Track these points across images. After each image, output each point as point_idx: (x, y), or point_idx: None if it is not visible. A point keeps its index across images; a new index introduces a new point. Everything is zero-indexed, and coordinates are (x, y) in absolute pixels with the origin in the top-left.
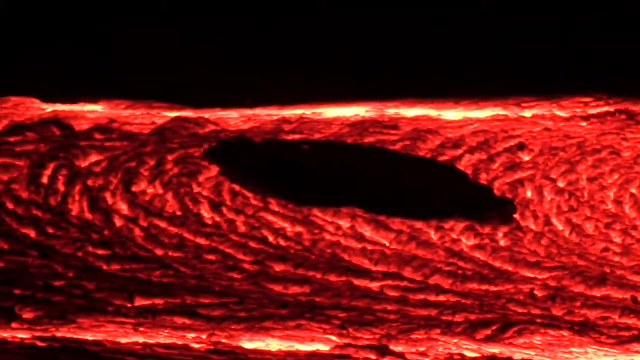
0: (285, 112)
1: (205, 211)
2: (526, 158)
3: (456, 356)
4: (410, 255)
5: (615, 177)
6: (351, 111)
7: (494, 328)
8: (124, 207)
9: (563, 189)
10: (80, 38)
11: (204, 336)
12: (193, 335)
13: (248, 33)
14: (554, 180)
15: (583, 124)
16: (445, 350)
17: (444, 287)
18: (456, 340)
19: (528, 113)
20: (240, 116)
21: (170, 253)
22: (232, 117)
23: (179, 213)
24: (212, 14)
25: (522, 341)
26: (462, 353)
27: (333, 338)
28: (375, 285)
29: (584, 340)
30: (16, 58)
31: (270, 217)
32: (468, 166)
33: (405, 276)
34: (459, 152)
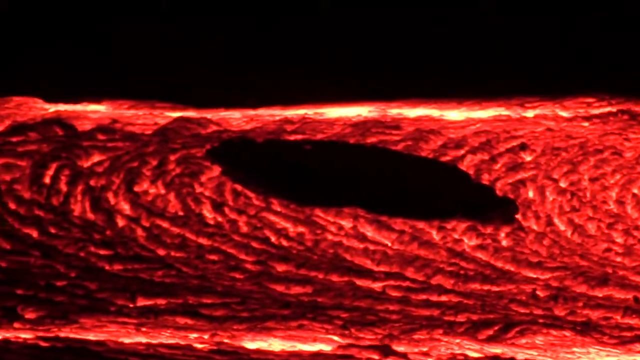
0: (287, 112)
1: (207, 211)
2: (528, 158)
3: (459, 356)
4: (412, 255)
5: (617, 177)
6: (353, 111)
7: (496, 328)
8: (126, 207)
9: (565, 189)
10: (80, 38)
11: (206, 336)
12: (195, 335)
13: (248, 33)
14: (556, 180)
15: (585, 124)
16: (447, 350)
17: (446, 287)
18: (458, 340)
19: (530, 113)
20: (242, 116)
21: (172, 253)
22: (235, 117)
23: (181, 213)
24: (212, 14)
25: (524, 341)
26: (465, 353)
27: (335, 338)
28: (377, 285)
29: (586, 340)
30: (16, 58)
31: (272, 217)
32: (470, 166)
33: (407, 276)
34: (461, 152)
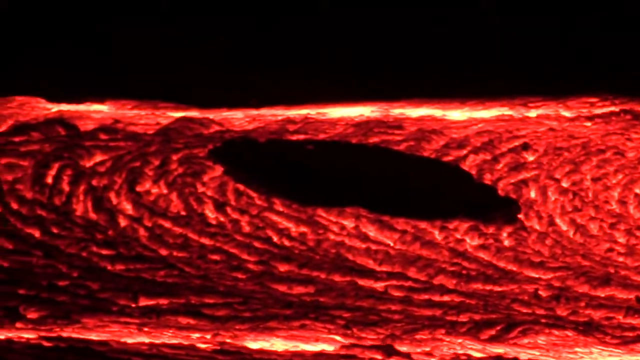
0: (289, 112)
1: (209, 211)
2: (530, 158)
3: (462, 356)
4: (414, 255)
5: (619, 177)
6: (356, 111)
7: (498, 328)
8: (128, 207)
9: (567, 189)
10: (80, 38)
11: (209, 336)
12: (197, 335)
13: (248, 33)
14: (558, 180)
15: (587, 124)
16: (449, 350)
17: (448, 287)
18: (460, 340)
19: (533, 113)
20: (244, 116)
21: (174, 253)
22: (237, 117)
23: (183, 213)
24: (212, 14)
25: (527, 341)
26: (468, 353)
27: (337, 338)
28: (379, 285)
29: (588, 340)
30: (16, 58)
31: (274, 217)
32: (472, 166)
33: (409, 276)
34: (463, 152)
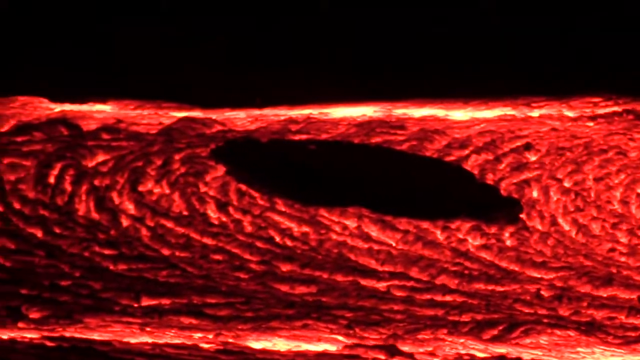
0: (292, 112)
1: (211, 211)
2: (533, 158)
3: (465, 356)
4: (416, 255)
5: (621, 177)
6: (358, 111)
7: (501, 328)
8: (131, 207)
9: (569, 189)
10: (80, 38)
11: (211, 336)
12: (199, 335)
13: (248, 33)
14: (560, 180)
15: (590, 124)
16: (452, 350)
17: (450, 287)
18: (462, 340)
19: (536, 113)
20: (247, 116)
21: (176, 253)
22: (239, 117)
23: (186, 213)
24: (212, 14)
25: (529, 341)
26: (471, 353)
27: (339, 338)
28: (381, 285)
29: (591, 340)
30: (16, 58)
31: (276, 217)
32: (474, 166)
33: (411, 276)
34: (466, 152)
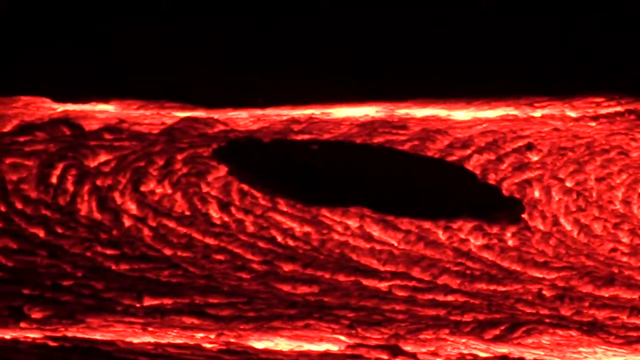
0: (294, 112)
1: (213, 211)
2: (534, 158)
3: (468, 356)
4: (418, 255)
5: (623, 177)
6: (360, 111)
7: (503, 328)
8: (133, 207)
9: (571, 189)
10: (80, 38)
11: (213, 336)
12: (201, 335)
13: (248, 33)
14: (562, 180)
15: (592, 124)
16: (454, 350)
17: (452, 287)
18: (464, 340)
19: (538, 113)
20: (249, 116)
21: (178, 253)
22: (242, 117)
23: (188, 213)
24: (212, 14)
25: (531, 341)
26: (474, 353)
27: (342, 338)
28: (383, 285)
29: (593, 340)
30: (16, 58)
31: (278, 217)
32: (476, 166)
33: (413, 276)
34: (468, 152)
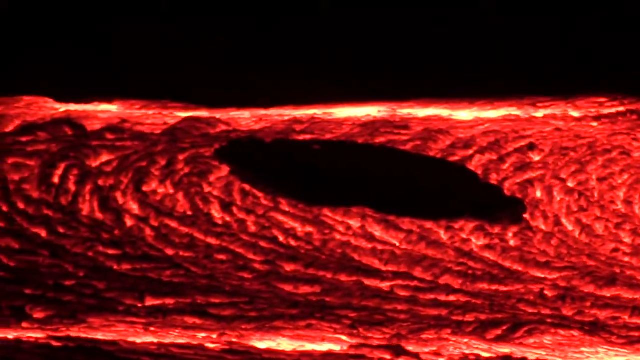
0: (296, 113)
1: (215, 211)
2: (536, 158)
3: (471, 356)
4: (420, 255)
5: (625, 177)
6: (362, 111)
7: (504, 328)
8: (135, 207)
9: (573, 189)
10: (80, 38)
11: (215, 336)
12: (203, 334)
13: (248, 33)
14: (564, 180)
15: (594, 124)
16: (456, 349)
17: (454, 287)
18: (466, 340)
19: (540, 113)
20: (251, 116)
21: (180, 253)
22: (244, 117)
23: (190, 213)
24: (212, 14)
25: (533, 341)
26: (477, 353)
27: (343, 338)
28: (385, 285)
29: (595, 340)
30: (16, 58)
31: (280, 217)
32: (478, 166)
33: (415, 276)
34: (470, 152)
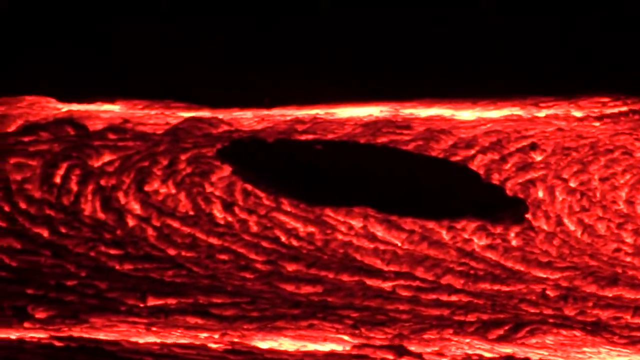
0: (298, 113)
1: (217, 211)
2: (538, 158)
3: (473, 356)
4: (422, 255)
5: (627, 177)
6: (364, 111)
7: (506, 328)
8: (137, 207)
9: (575, 189)
10: (80, 38)
11: (217, 336)
12: (205, 334)
13: (248, 33)
14: (566, 180)
15: (596, 124)
16: (458, 349)
17: (456, 287)
18: (468, 340)
19: (542, 113)
20: (253, 116)
21: (182, 253)
22: (246, 117)
23: (192, 213)
24: (212, 14)
25: (535, 341)
26: (479, 353)
27: (345, 338)
28: (387, 285)
29: (596, 340)
30: (16, 58)
31: (282, 217)
32: (480, 166)
33: (417, 276)
34: (472, 152)
